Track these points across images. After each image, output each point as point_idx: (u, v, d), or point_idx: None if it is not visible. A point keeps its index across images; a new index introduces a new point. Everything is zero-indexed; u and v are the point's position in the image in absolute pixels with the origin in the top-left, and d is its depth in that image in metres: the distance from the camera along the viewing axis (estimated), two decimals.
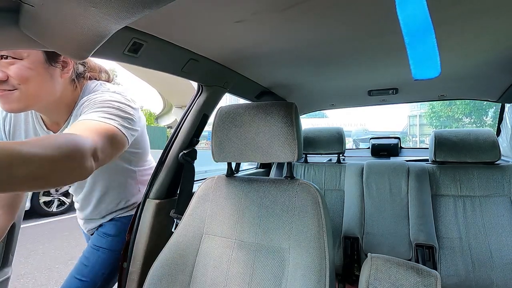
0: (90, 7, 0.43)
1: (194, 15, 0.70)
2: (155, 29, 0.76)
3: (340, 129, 1.95)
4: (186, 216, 0.97)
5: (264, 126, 0.87)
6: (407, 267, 0.62)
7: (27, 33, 0.55)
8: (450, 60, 1.11)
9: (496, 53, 1.05)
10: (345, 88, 1.59)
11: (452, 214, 1.47)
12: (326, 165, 1.92)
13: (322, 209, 0.82)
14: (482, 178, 1.47)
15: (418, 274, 0.60)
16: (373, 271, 0.63)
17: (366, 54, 1.03)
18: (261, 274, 0.81)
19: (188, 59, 0.94)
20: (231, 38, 0.85)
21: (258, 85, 1.42)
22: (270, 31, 0.81)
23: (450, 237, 1.43)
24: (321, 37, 0.87)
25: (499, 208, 1.41)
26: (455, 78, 1.38)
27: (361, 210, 1.66)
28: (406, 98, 1.85)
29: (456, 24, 0.79)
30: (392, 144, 2.33)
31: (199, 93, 1.21)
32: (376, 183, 1.69)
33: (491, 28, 0.83)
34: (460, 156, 1.50)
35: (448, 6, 0.70)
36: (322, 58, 1.07)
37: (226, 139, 0.92)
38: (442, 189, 1.53)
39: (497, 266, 1.32)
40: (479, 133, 1.51)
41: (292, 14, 0.71)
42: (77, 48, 0.57)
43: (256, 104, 0.92)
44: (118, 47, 0.75)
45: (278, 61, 1.09)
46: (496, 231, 1.37)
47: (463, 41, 0.93)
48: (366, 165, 1.77)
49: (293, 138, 0.83)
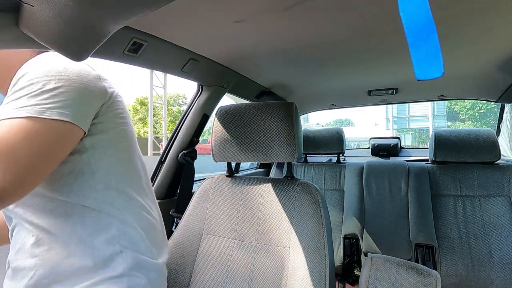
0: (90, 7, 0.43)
1: (194, 15, 0.70)
2: (155, 29, 0.76)
3: (340, 129, 1.95)
4: (186, 216, 0.97)
5: (264, 126, 0.87)
6: (407, 267, 0.62)
7: (27, 33, 0.55)
8: (450, 60, 1.11)
9: (496, 53, 1.05)
10: (345, 88, 1.59)
11: (452, 214, 1.47)
12: (326, 165, 1.92)
13: (322, 209, 0.82)
14: (482, 178, 1.47)
15: (418, 274, 0.60)
16: (373, 271, 0.63)
17: (366, 54, 1.03)
18: (261, 274, 0.81)
19: (188, 59, 0.95)
20: (231, 38, 0.85)
21: (258, 85, 1.42)
22: (270, 31, 0.81)
23: (450, 237, 1.43)
24: (321, 37, 0.87)
25: (499, 208, 1.41)
26: (455, 78, 1.38)
27: (361, 210, 1.66)
28: (406, 98, 1.85)
29: (456, 24, 0.80)
30: (392, 144, 2.33)
31: (199, 93, 1.21)
32: (376, 183, 1.69)
33: (491, 28, 0.83)
34: (460, 156, 1.50)
35: (448, 6, 0.70)
36: (322, 58, 1.07)
37: (226, 139, 0.92)
38: (442, 189, 1.53)
39: (497, 266, 1.32)
40: (479, 133, 1.51)
41: (292, 14, 0.71)
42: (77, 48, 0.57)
43: (256, 104, 0.92)
44: (118, 47, 0.75)
45: (278, 61, 1.09)
46: (496, 231, 1.37)
47: (463, 41, 0.93)
48: (366, 165, 1.77)
49: (293, 138, 0.83)
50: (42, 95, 0.50)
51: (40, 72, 0.53)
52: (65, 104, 0.51)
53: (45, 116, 0.49)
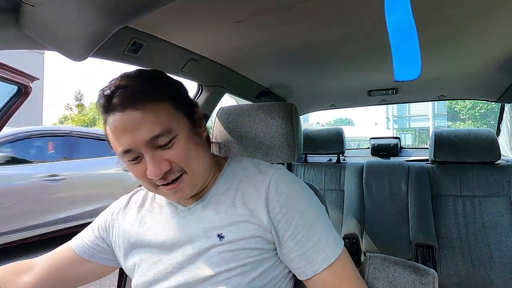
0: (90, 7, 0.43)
1: (194, 15, 0.70)
2: (155, 29, 0.76)
3: (340, 129, 1.95)
4: None
5: (264, 127, 0.87)
6: (404, 266, 0.62)
7: (27, 33, 0.55)
8: (450, 60, 1.11)
9: (496, 53, 1.05)
10: (345, 88, 1.59)
11: (452, 214, 1.47)
12: (326, 165, 1.92)
13: None
14: (482, 178, 1.47)
15: (415, 273, 0.60)
16: (371, 270, 0.63)
17: (366, 54, 1.03)
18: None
19: (188, 59, 0.95)
20: (231, 38, 0.85)
21: (258, 85, 1.42)
22: (270, 31, 0.81)
23: (450, 237, 1.43)
24: (321, 37, 0.87)
25: (499, 208, 1.41)
26: (455, 78, 1.39)
27: (361, 210, 1.66)
28: (405, 98, 1.85)
29: (456, 24, 0.80)
30: (392, 144, 2.33)
31: (199, 93, 1.21)
32: (376, 183, 1.69)
33: (491, 28, 0.83)
34: (460, 156, 1.50)
35: (448, 6, 0.70)
36: (322, 58, 1.07)
37: (226, 140, 0.92)
38: (442, 189, 1.53)
39: (497, 266, 1.32)
40: (479, 133, 1.51)
41: (292, 14, 0.71)
42: (77, 48, 0.57)
43: (256, 105, 0.92)
44: (118, 47, 0.75)
45: (278, 61, 1.09)
46: (496, 231, 1.37)
47: (463, 41, 0.93)
48: (366, 165, 1.77)
49: (293, 139, 0.84)
50: None
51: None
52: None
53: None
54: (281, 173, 0.61)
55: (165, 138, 0.52)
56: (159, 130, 0.51)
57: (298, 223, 0.55)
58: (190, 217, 0.60)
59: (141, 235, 0.62)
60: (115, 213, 0.70)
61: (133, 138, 0.51)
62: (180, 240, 0.59)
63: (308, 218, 0.56)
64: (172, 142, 0.53)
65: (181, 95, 0.60)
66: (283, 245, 0.56)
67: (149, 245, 0.61)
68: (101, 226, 0.69)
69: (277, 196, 0.57)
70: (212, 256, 0.55)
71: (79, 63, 1.07)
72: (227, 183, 0.63)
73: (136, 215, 0.66)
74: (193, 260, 0.56)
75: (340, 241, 0.58)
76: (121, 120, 0.51)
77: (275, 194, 0.57)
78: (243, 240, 0.55)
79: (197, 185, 0.59)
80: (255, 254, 0.55)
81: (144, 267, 0.60)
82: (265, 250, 0.56)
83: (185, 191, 0.57)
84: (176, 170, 0.54)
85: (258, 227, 0.55)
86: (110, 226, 0.68)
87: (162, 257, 0.59)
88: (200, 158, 0.58)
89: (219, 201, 0.60)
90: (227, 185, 0.62)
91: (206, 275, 0.54)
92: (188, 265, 0.56)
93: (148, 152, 0.52)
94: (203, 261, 0.55)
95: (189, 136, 0.56)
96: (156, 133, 0.51)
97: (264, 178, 0.59)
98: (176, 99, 0.57)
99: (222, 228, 0.56)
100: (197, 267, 0.56)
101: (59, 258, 0.68)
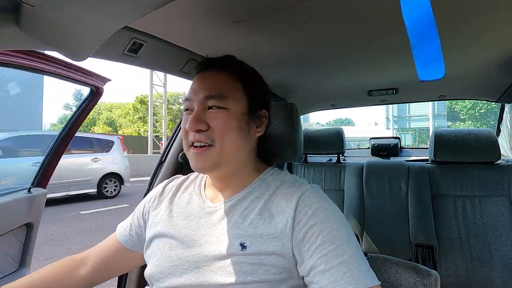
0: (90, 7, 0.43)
1: (194, 15, 0.70)
2: (155, 29, 0.76)
3: (340, 129, 1.95)
4: None
5: None
6: (406, 267, 0.61)
7: (27, 33, 0.55)
8: (450, 60, 1.11)
9: (496, 53, 1.05)
10: (345, 88, 1.59)
11: (452, 214, 1.47)
12: (326, 165, 1.92)
13: None
14: (482, 178, 1.47)
15: (417, 274, 0.60)
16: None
17: (366, 54, 1.03)
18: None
19: (188, 59, 0.95)
20: (231, 38, 0.85)
21: None
22: (269, 31, 0.81)
23: (450, 237, 1.43)
24: (321, 37, 0.87)
25: (499, 208, 1.41)
26: (455, 78, 1.38)
27: (361, 210, 1.65)
28: (406, 98, 1.84)
29: (456, 24, 0.80)
30: (392, 144, 2.33)
31: None
32: (376, 183, 1.69)
33: (491, 28, 0.83)
34: (460, 156, 1.50)
35: (448, 6, 0.70)
36: (322, 58, 1.07)
37: None
38: (442, 189, 1.53)
39: (497, 266, 1.32)
40: (479, 133, 1.50)
41: (292, 14, 0.71)
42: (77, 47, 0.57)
43: None
44: (118, 47, 0.75)
45: (278, 61, 1.09)
46: (496, 231, 1.37)
47: (463, 41, 0.93)
48: (366, 165, 1.77)
49: (293, 139, 0.83)
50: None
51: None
52: None
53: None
54: (315, 190, 0.60)
55: (216, 102, 0.58)
56: (216, 93, 0.58)
57: (326, 238, 0.52)
58: (216, 215, 0.61)
59: (167, 225, 0.64)
60: (151, 200, 0.73)
61: (198, 91, 0.59)
62: (201, 239, 0.59)
63: (338, 235, 0.52)
64: (220, 111, 0.58)
65: (258, 89, 0.66)
66: (306, 259, 0.52)
67: (171, 236, 0.62)
68: (139, 214, 0.72)
69: (306, 208, 0.55)
70: (231, 264, 0.54)
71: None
72: (260, 189, 0.62)
73: (168, 205, 0.69)
74: (210, 263, 0.55)
75: (374, 276, 0.51)
76: (205, 74, 0.61)
77: (304, 207, 0.55)
78: (265, 255, 0.53)
79: (220, 165, 0.59)
80: (273, 271, 0.53)
81: (160, 258, 0.61)
82: (285, 269, 0.53)
83: (206, 162, 0.58)
84: (209, 138, 0.57)
85: (282, 244, 0.54)
86: (146, 213, 0.71)
87: (180, 252, 0.59)
88: (235, 143, 0.60)
89: (248, 207, 0.59)
90: (260, 192, 0.62)
91: (221, 282, 0.53)
92: (204, 267, 0.56)
93: (198, 107, 0.58)
94: (220, 267, 0.54)
95: (238, 119, 0.59)
96: (212, 93, 0.58)
97: (297, 191, 0.58)
98: (250, 88, 0.62)
99: (246, 238, 0.55)
100: (213, 271, 0.55)
101: (107, 249, 0.73)
